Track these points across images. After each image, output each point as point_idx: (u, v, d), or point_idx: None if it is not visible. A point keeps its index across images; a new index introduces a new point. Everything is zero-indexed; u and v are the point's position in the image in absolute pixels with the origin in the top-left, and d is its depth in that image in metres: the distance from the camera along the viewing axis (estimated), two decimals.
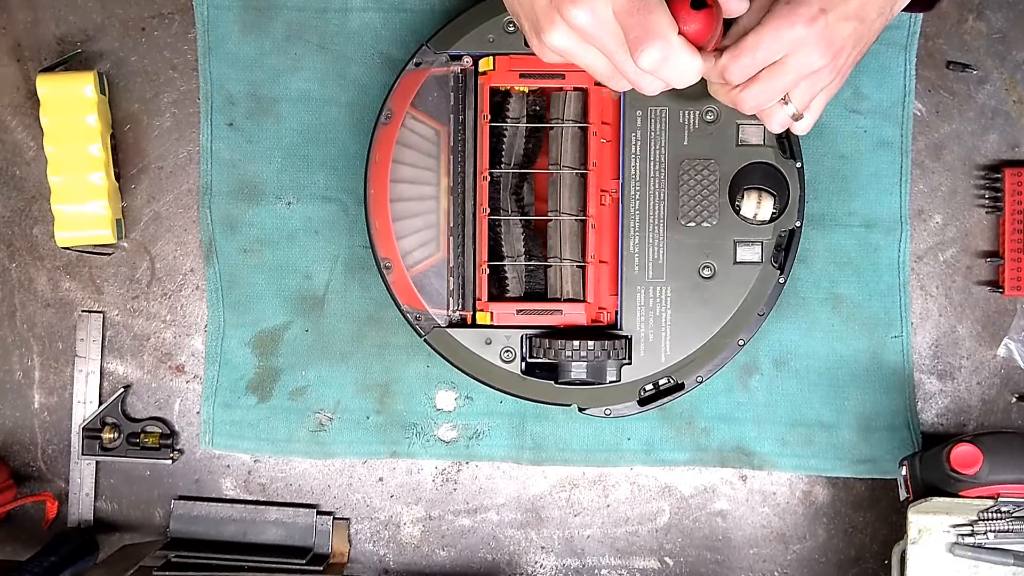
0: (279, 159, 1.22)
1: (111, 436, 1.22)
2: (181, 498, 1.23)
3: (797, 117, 0.96)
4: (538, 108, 1.14)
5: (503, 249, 1.13)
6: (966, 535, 1.06)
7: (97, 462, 1.23)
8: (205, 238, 1.21)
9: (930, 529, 1.07)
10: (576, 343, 1.07)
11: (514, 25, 1.10)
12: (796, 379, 1.20)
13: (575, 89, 1.11)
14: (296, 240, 1.21)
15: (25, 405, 1.24)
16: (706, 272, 1.10)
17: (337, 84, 1.21)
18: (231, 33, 1.21)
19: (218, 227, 1.21)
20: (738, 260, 1.10)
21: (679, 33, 0.84)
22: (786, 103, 0.94)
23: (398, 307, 1.12)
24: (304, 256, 1.22)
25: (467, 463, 1.23)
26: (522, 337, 1.11)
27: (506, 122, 1.12)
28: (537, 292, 1.14)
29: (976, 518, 1.06)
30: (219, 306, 1.22)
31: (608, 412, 1.11)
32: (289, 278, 1.22)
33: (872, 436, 1.20)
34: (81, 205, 1.18)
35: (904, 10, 0.97)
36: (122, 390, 1.22)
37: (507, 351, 1.11)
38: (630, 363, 1.10)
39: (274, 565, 1.18)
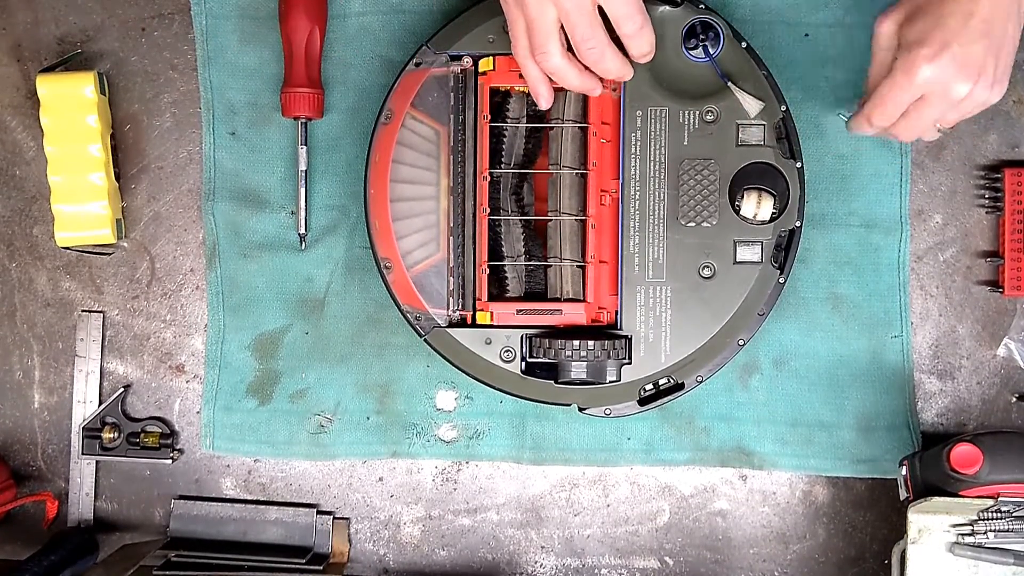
0: (281, 169, 1.22)
1: (111, 436, 1.22)
2: (181, 498, 1.23)
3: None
4: (538, 108, 1.14)
5: (503, 249, 1.13)
6: (966, 535, 1.06)
7: (97, 462, 1.23)
8: (209, 242, 1.21)
9: (930, 529, 1.07)
10: (576, 343, 1.07)
11: None
12: (796, 379, 1.20)
13: None
14: (297, 246, 1.21)
15: (25, 405, 1.24)
16: (706, 272, 1.10)
17: (337, 90, 1.21)
18: (230, 43, 1.21)
19: (222, 233, 1.21)
20: (738, 260, 1.10)
21: None
22: (937, 128, 1.02)
23: (398, 307, 1.13)
24: (305, 260, 1.21)
25: (467, 463, 1.23)
26: (522, 337, 1.11)
27: (506, 122, 1.12)
28: (537, 292, 1.14)
29: (976, 518, 1.06)
30: (219, 310, 1.22)
31: (608, 412, 1.11)
32: (289, 281, 1.22)
33: (872, 436, 1.20)
34: (81, 205, 1.18)
35: None
36: (122, 390, 1.22)
37: (507, 351, 1.11)
38: (630, 363, 1.10)
39: (274, 565, 1.18)
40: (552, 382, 1.10)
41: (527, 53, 1.02)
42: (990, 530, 1.05)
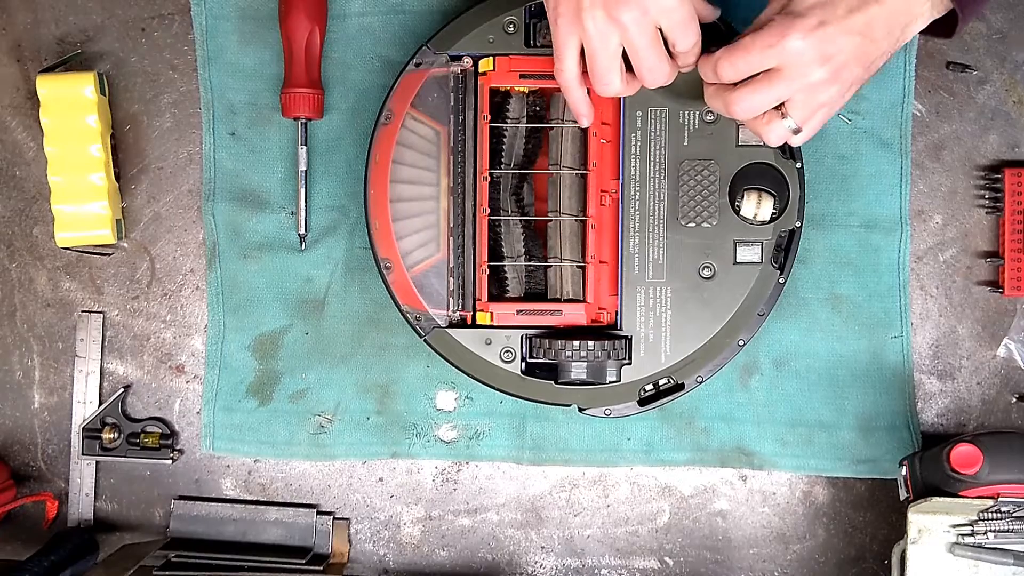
0: (281, 169, 1.22)
1: (111, 436, 1.22)
2: (181, 498, 1.23)
3: (796, 131, 0.97)
4: (538, 108, 1.14)
5: (503, 249, 1.13)
6: (966, 535, 1.06)
7: (97, 462, 1.23)
8: (209, 243, 1.21)
9: (930, 529, 1.07)
10: (576, 343, 1.07)
11: (514, 26, 1.10)
12: (796, 379, 1.20)
13: None
14: (297, 247, 1.21)
15: (25, 405, 1.24)
16: (706, 272, 1.10)
17: (337, 91, 1.21)
18: (230, 43, 1.21)
19: (221, 233, 1.21)
20: (738, 260, 1.10)
21: None
22: (783, 116, 0.95)
23: (398, 307, 1.13)
24: (305, 260, 1.21)
25: (467, 463, 1.23)
26: (522, 337, 1.11)
27: (506, 122, 1.12)
28: (537, 292, 1.14)
29: (976, 518, 1.06)
30: (219, 310, 1.22)
31: (608, 412, 1.11)
32: (289, 282, 1.22)
33: (872, 436, 1.20)
34: (81, 205, 1.18)
35: (921, 34, 0.97)
36: (122, 390, 1.22)
37: (507, 351, 1.11)
38: (630, 363, 1.10)
39: (274, 565, 1.18)
40: (552, 382, 1.10)
41: (575, 78, 1.00)
42: (990, 530, 1.05)
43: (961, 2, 0.95)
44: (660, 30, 0.95)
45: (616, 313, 1.11)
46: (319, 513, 1.23)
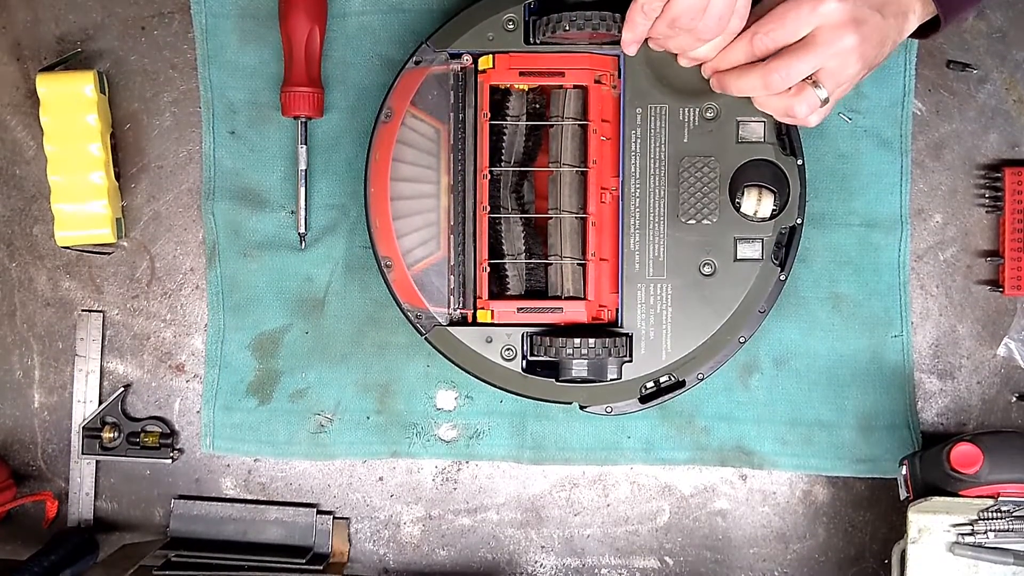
0: (281, 168, 1.22)
1: (111, 436, 1.22)
2: (181, 497, 1.23)
3: (825, 102, 1.00)
4: (538, 106, 1.14)
5: (504, 247, 1.13)
6: (966, 534, 1.06)
7: (97, 462, 1.23)
8: (209, 242, 1.21)
9: (930, 528, 1.07)
10: (577, 341, 1.07)
11: (513, 23, 1.10)
12: (796, 378, 1.20)
13: (575, 87, 1.11)
14: (297, 246, 1.21)
15: (25, 405, 1.23)
16: (707, 269, 1.10)
17: (337, 89, 1.21)
18: (230, 42, 1.21)
19: (221, 232, 1.21)
20: (739, 257, 1.10)
21: None
22: (816, 85, 0.99)
23: (399, 306, 1.12)
24: (305, 259, 1.21)
25: (467, 463, 1.23)
26: (523, 335, 1.11)
27: (506, 120, 1.12)
28: (538, 290, 1.14)
29: (976, 517, 1.06)
30: (219, 309, 1.22)
31: (609, 410, 1.11)
32: (290, 281, 1.22)
33: (872, 435, 1.20)
34: (81, 204, 1.18)
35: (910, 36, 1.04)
36: (122, 389, 1.22)
37: (508, 349, 1.11)
38: (631, 361, 1.10)
39: (274, 565, 1.18)
40: (553, 380, 1.10)
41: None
42: (990, 530, 1.05)
43: (944, 8, 1.01)
44: None
45: (617, 310, 1.11)
46: (319, 513, 1.23)
